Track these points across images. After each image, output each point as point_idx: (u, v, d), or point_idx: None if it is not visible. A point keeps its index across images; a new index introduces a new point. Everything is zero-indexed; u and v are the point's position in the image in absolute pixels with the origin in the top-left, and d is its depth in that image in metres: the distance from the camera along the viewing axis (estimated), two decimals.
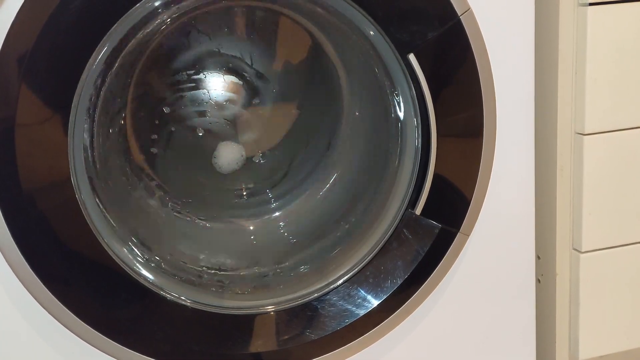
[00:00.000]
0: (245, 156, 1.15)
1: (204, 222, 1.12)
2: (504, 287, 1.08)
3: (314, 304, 1.00)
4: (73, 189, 0.86)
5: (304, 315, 1.00)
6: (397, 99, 0.99)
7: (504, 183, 1.03)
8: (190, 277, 1.01)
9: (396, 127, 1.01)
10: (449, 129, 0.96)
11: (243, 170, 1.16)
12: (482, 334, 1.09)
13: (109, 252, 0.90)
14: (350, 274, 1.01)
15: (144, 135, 1.10)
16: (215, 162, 1.14)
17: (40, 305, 0.88)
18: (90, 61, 0.83)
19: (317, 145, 1.18)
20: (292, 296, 1.00)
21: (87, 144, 0.93)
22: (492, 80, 0.96)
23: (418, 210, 0.99)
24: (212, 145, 1.13)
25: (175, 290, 0.95)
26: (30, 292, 0.87)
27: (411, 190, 0.99)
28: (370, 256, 1.01)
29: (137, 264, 0.94)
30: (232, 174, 1.15)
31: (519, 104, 1.02)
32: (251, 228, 1.15)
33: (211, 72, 1.11)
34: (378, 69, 1.00)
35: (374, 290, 1.00)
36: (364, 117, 1.13)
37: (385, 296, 0.99)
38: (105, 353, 0.92)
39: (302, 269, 1.05)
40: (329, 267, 1.03)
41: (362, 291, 1.00)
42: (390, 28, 0.92)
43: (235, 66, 1.12)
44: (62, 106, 0.83)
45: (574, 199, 1.10)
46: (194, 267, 1.04)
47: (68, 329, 0.90)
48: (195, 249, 1.09)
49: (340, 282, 1.01)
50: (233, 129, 1.14)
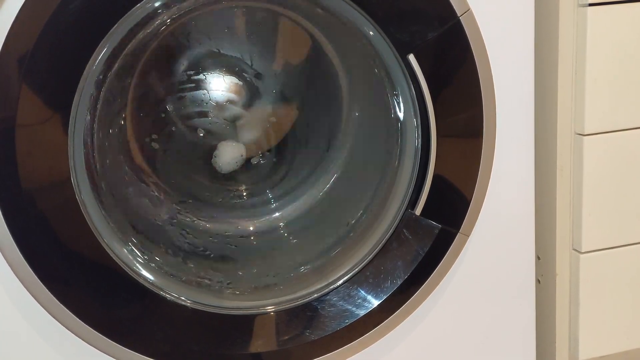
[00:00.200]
0: (245, 156, 1.15)
1: (204, 222, 1.12)
2: (504, 288, 1.08)
3: (314, 304, 1.00)
4: (73, 189, 0.86)
5: (304, 315, 1.00)
6: (396, 99, 0.99)
7: (504, 183, 1.03)
8: (190, 278, 1.01)
9: (396, 127, 1.01)
10: (448, 129, 0.96)
11: (243, 171, 1.16)
12: (482, 334, 1.09)
13: (109, 252, 0.90)
14: (350, 274, 1.01)
15: (144, 135, 1.10)
16: (215, 162, 1.14)
17: (40, 306, 0.88)
18: (90, 61, 0.83)
19: (317, 145, 1.18)
20: (292, 296, 1.00)
21: (88, 144, 0.93)
22: (492, 81, 0.96)
23: (418, 211, 0.99)
24: (212, 145, 1.14)
25: (175, 290, 0.95)
26: (30, 292, 0.87)
27: (411, 190, 0.99)
28: (370, 256, 1.01)
29: (137, 264, 0.94)
30: (232, 174, 1.15)
31: (519, 104, 1.02)
32: (251, 228, 1.15)
33: (211, 73, 1.11)
34: (378, 69, 0.99)
35: (374, 291, 1.00)
36: (364, 117, 1.13)
37: (385, 296, 0.99)
38: (105, 353, 0.91)
39: (302, 269, 1.05)
40: (329, 267, 1.03)
41: (362, 291, 1.00)
42: (390, 28, 0.92)
43: (236, 67, 1.12)
44: (62, 106, 0.83)
45: (574, 199, 1.10)
46: (194, 268, 1.04)
47: (68, 329, 0.89)
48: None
49: (340, 282, 1.01)
50: (233, 129, 1.14)
